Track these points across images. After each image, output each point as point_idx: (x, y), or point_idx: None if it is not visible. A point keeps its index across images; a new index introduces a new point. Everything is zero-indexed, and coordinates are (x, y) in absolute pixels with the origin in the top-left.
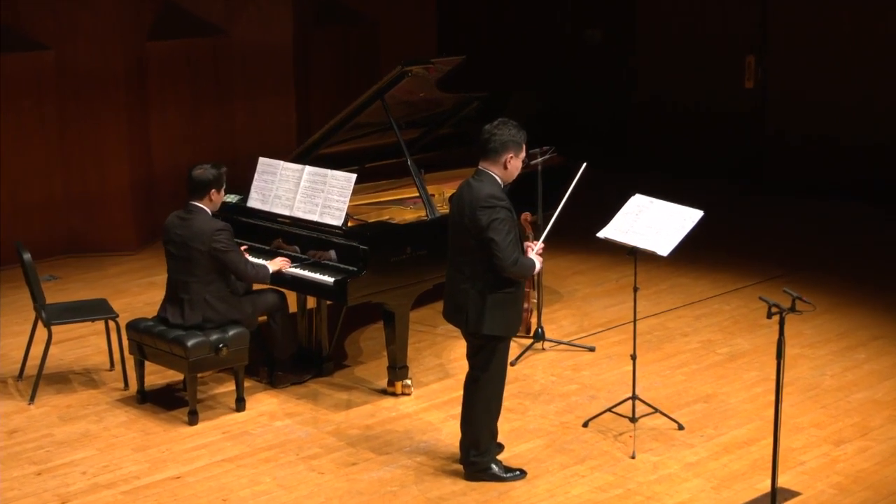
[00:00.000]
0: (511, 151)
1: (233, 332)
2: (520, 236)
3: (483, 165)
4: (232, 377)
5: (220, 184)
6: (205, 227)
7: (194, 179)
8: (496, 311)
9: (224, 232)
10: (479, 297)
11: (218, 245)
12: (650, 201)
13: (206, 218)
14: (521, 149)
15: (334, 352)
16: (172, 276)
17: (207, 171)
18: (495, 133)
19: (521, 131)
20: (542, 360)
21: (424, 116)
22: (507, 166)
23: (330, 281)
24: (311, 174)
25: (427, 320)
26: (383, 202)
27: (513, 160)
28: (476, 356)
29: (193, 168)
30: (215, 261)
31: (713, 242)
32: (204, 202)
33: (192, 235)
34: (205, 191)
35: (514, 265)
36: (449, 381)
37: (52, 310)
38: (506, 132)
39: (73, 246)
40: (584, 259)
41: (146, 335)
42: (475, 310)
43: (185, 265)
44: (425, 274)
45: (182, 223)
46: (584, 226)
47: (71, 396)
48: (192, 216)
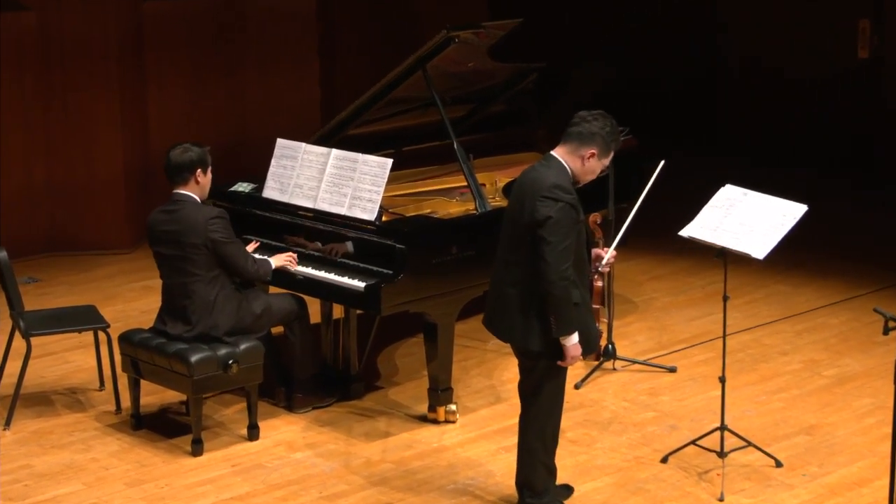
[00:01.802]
0: (596, 147)
1: (245, 345)
2: (588, 242)
3: (558, 151)
4: (243, 399)
5: (206, 163)
6: (197, 216)
7: (175, 162)
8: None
9: (220, 220)
10: (527, 307)
11: (215, 235)
12: (743, 193)
13: (197, 206)
14: (609, 153)
15: (365, 370)
16: (168, 281)
17: (189, 151)
18: (588, 120)
19: (618, 136)
20: (612, 382)
21: (473, 91)
22: (585, 163)
23: (360, 286)
24: (338, 159)
25: (475, 334)
26: (424, 193)
27: (593, 159)
28: (527, 379)
29: (172, 149)
30: (214, 253)
31: (818, 243)
32: (190, 187)
33: (184, 229)
34: (189, 174)
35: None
36: (501, 406)
37: (31, 318)
38: (600, 125)
39: (56, 243)
40: (664, 262)
41: (142, 349)
42: (521, 320)
43: (182, 266)
44: (474, 279)
45: (169, 217)
46: (664, 222)
47: (53, 420)
48: (179, 207)
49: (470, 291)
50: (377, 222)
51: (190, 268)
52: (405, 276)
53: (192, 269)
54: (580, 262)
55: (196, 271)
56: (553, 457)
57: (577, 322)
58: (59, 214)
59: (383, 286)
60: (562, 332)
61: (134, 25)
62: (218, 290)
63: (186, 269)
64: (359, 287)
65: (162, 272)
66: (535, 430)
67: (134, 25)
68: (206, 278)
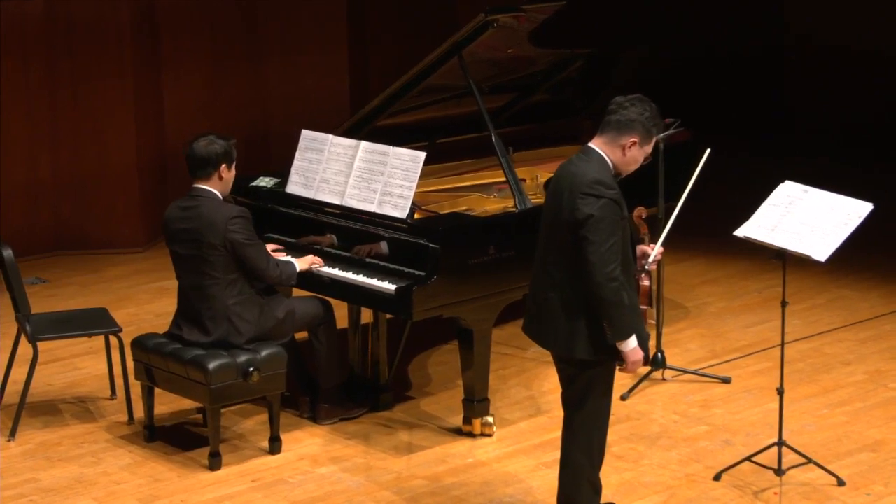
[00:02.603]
0: (636, 135)
1: (266, 352)
2: (632, 239)
3: (596, 143)
4: (264, 410)
5: (231, 158)
6: (216, 214)
7: (198, 154)
8: (591, 330)
9: (241, 219)
10: (570, 311)
11: (235, 235)
12: (804, 190)
13: (217, 203)
14: (650, 139)
15: (395, 380)
16: (184, 283)
17: (214, 143)
18: (626, 106)
19: (658, 120)
20: (661, 393)
21: (513, 79)
22: (626, 153)
23: (391, 289)
24: (367, 152)
25: (514, 340)
26: (459, 189)
27: (634, 147)
28: (570, 389)
29: (195, 140)
30: (234, 255)
31: (886, 245)
32: (212, 183)
33: (202, 228)
34: (212, 168)
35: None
36: (541, 418)
37: (38, 321)
38: (639, 110)
39: (64, 241)
40: (717, 264)
41: (156, 355)
42: (565, 326)
43: (199, 267)
44: (512, 281)
45: (187, 214)
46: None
47: (61, 431)
48: (198, 203)
49: (508, 295)
50: (409, 220)
51: (207, 269)
52: (439, 277)
53: (209, 271)
54: (625, 261)
55: (214, 273)
56: (598, 473)
57: (630, 325)
58: (68, 210)
59: (415, 289)
60: (618, 336)
61: (148, 8)
62: (237, 294)
63: (203, 271)
64: (389, 290)
65: (178, 273)
66: (579, 443)
67: (148, 8)
68: (224, 281)
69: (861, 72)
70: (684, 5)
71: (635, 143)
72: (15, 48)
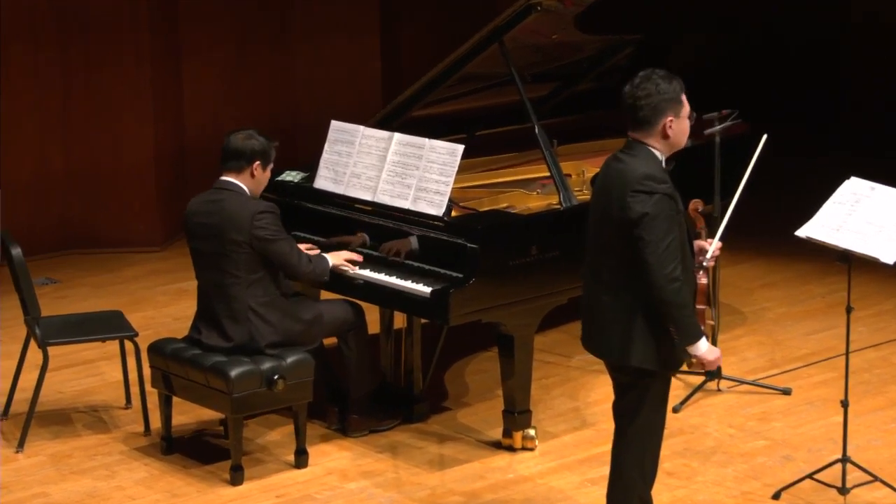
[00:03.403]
0: (669, 112)
1: (292, 358)
2: (689, 234)
3: (635, 136)
4: (290, 420)
5: (268, 158)
6: (242, 208)
7: (234, 147)
8: (650, 335)
9: (269, 214)
10: (626, 315)
11: (261, 232)
12: (871, 187)
13: (244, 197)
14: (682, 104)
15: (430, 389)
16: (204, 282)
17: (254, 138)
18: (640, 94)
19: (673, 81)
20: (716, 405)
21: (558, 66)
22: (668, 133)
23: (426, 291)
24: (401, 144)
25: (558, 347)
26: (500, 184)
27: (674, 123)
28: (623, 399)
29: (233, 133)
30: (259, 253)
31: None
32: (242, 178)
33: (226, 223)
34: (246, 164)
35: (669, 280)
36: (587, 431)
37: (48, 325)
38: (654, 89)
39: (77, 239)
40: (777, 267)
41: (174, 362)
42: (619, 332)
43: (221, 265)
44: (557, 283)
45: (210, 208)
46: (778, 220)
47: (73, 442)
48: (223, 196)
49: (552, 299)
50: (446, 218)
51: (229, 267)
52: (477, 279)
53: (231, 270)
54: (684, 258)
55: (236, 272)
56: (650, 490)
57: (697, 324)
58: (81, 206)
59: (452, 292)
60: (687, 340)
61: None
62: (260, 294)
63: (225, 269)
64: (424, 292)
65: (197, 271)
66: (631, 457)
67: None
68: (246, 281)
69: None
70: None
71: (672, 119)
72: (24, 32)
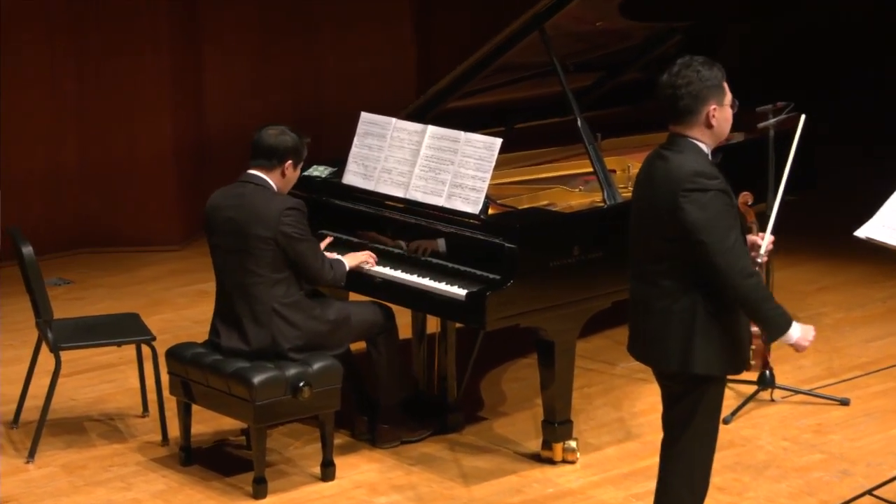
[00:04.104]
0: (712, 101)
1: (319, 364)
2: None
3: (677, 130)
4: (316, 430)
5: (300, 157)
6: (269, 203)
7: (265, 143)
8: (711, 340)
9: (296, 212)
10: (683, 321)
11: (288, 229)
12: None
13: (271, 192)
14: (724, 91)
15: (464, 397)
16: (225, 281)
17: (286, 135)
18: (680, 83)
19: (714, 67)
20: (769, 416)
21: (602, 56)
22: (712, 123)
23: (461, 294)
24: (435, 138)
25: (601, 354)
26: (540, 180)
27: (717, 112)
28: (674, 408)
29: (264, 128)
30: (284, 251)
31: None
32: (273, 176)
33: (251, 218)
34: (277, 161)
35: (744, 277)
36: (632, 444)
37: (61, 328)
38: (695, 76)
39: (91, 237)
40: (834, 269)
41: (194, 367)
42: (678, 339)
43: (243, 263)
44: (600, 287)
45: (235, 202)
46: (835, 219)
47: (87, 453)
48: (249, 191)
49: (595, 302)
50: (482, 216)
51: (252, 266)
52: (516, 282)
53: (254, 268)
54: None
55: (259, 271)
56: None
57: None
58: (95, 203)
59: (489, 294)
60: (777, 333)
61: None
62: (283, 295)
63: (247, 268)
64: (459, 295)
65: (218, 269)
66: (681, 470)
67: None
68: (269, 280)
69: None
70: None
71: (715, 108)
72: (36, 17)
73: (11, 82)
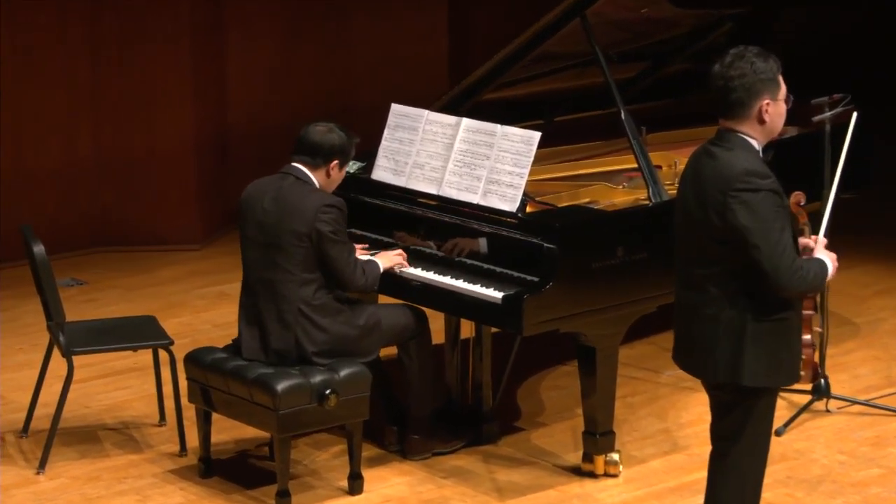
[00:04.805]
0: (765, 95)
1: (346, 371)
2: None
3: (727, 125)
4: (343, 441)
5: (346, 157)
6: (308, 198)
7: (311, 140)
8: (759, 350)
9: (336, 210)
10: (732, 329)
11: (325, 227)
12: None
13: (311, 188)
14: (779, 85)
15: (500, 407)
16: (252, 277)
17: (333, 133)
18: (733, 74)
19: (769, 59)
20: (825, 428)
21: (647, 45)
22: (764, 118)
23: (497, 297)
24: (470, 131)
25: (646, 361)
26: (581, 176)
27: (770, 107)
28: (724, 419)
29: (314, 123)
30: (317, 250)
31: None
32: (317, 174)
33: (287, 210)
34: (322, 160)
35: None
36: (678, 456)
37: (74, 331)
38: (748, 68)
39: (106, 235)
40: (893, 272)
41: (214, 373)
42: (726, 348)
43: (273, 258)
44: (645, 289)
45: (273, 193)
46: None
47: (101, 464)
48: (290, 183)
49: (639, 306)
50: (520, 214)
51: (283, 262)
52: (555, 284)
53: (284, 265)
54: None
55: (290, 268)
56: None
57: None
58: (111, 199)
59: (527, 297)
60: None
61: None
62: (312, 296)
63: (278, 264)
64: (495, 298)
65: (246, 261)
66: (731, 485)
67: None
68: (299, 280)
69: None
70: None
71: (768, 102)
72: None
73: (21, 70)
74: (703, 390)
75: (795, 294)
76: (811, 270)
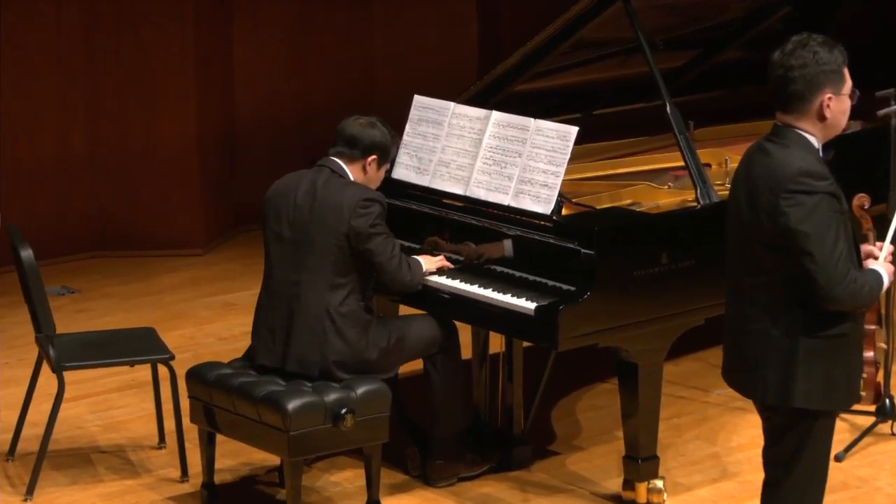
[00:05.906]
0: (827, 88)
1: (364, 388)
2: (854, 238)
3: (784, 120)
4: (360, 465)
5: (386, 155)
6: (343, 192)
7: (350, 133)
8: (815, 369)
9: (377, 204)
10: (783, 346)
11: (362, 222)
12: None
13: (346, 181)
14: (843, 78)
15: (533, 428)
16: (275, 277)
17: (374, 128)
18: (794, 63)
19: (835, 49)
20: (890, 453)
21: (696, 31)
22: (825, 114)
23: (530, 307)
24: (501, 126)
25: (693, 379)
26: (622, 175)
27: (833, 103)
28: (778, 444)
29: (354, 117)
30: (353, 250)
31: None
32: (353, 168)
33: (323, 205)
34: (360, 154)
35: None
36: (728, 484)
37: (65, 344)
38: (811, 58)
39: (101, 239)
40: None
41: (219, 391)
42: (778, 367)
43: (301, 258)
44: (692, 300)
45: (308, 187)
46: None
47: (93, 489)
48: (323, 177)
49: (685, 318)
50: (555, 217)
51: (311, 262)
52: (594, 294)
53: (312, 265)
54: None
55: (319, 269)
56: None
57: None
58: (107, 199)
59: (562, 308)
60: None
61: None
62: (339, 303)
63: (305, 264)
64: (527, 309)
65: (270, 259)
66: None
67: None
68: (326, 284)
69: None
70: None
71: (830, 97)
72: None
73: (11, 59)
74: (756, 412)
75: (846, 308)
76: (866, 284)
